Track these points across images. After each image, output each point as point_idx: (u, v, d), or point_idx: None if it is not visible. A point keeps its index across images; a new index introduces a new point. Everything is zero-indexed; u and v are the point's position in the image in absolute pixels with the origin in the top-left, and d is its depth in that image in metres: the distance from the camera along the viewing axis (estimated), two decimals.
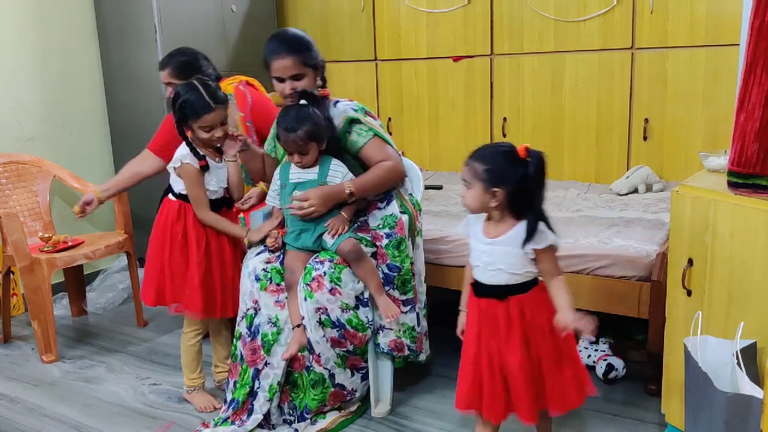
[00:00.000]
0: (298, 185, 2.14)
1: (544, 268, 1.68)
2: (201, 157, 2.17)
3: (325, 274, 2.08)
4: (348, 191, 2.13)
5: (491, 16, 3.55)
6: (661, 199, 2.89)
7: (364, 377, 2.22)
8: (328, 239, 2.13)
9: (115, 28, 3.56)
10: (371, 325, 2.14)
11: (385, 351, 2.19)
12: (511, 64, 3.54)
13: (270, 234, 2.20)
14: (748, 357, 1.55)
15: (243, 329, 2.16)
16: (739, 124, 1.66)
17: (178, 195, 2.24)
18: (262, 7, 4.03)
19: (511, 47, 3.52)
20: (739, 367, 1.51)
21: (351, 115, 2.22)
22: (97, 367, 2.75)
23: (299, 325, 2.09)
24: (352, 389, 2.19)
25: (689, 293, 1.83)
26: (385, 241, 2.19)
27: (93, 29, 3.62)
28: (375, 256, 2.20)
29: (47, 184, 3.28)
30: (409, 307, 2.21)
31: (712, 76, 3.07)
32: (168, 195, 2.29)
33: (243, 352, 2.15)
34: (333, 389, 2.14)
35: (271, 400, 2.12)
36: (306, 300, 2.06)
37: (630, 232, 2.45)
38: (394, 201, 2.26)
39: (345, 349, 2.12)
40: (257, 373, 2.13)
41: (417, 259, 2.35)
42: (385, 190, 2.27)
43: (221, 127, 2.16)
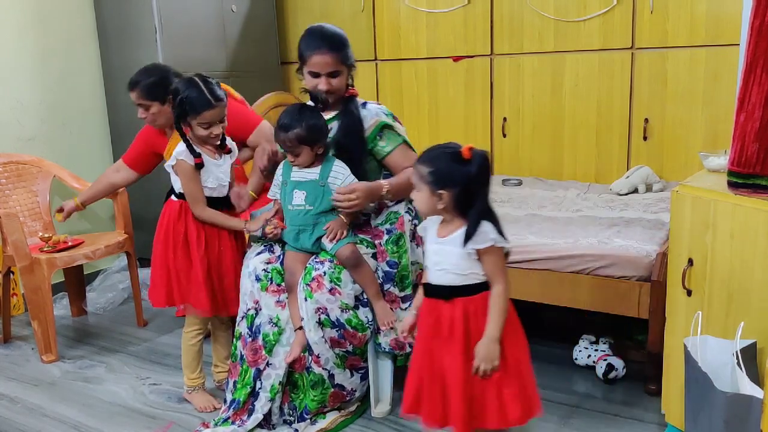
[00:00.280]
0: (298, 184, 2.14)
1: (486, 270, 1.64)
2: (197, 155, 2.17)
3: (324, 274, 2.08)
4: (385, 190, 2.17)
5: (491, 16, 3.55)
6: (661, 199, 2.89)
7: (364, 377, 2.22)
8: (327, 243, 2.12)
9: (115, 28, 3.56)
10: (371, 325, 2.14)
11: (387, 350, 2.19)
12: (511, 64, 3.54)
13: (269, 222, 2.20)
14: (748, 357, 1.55)
15: (243, 329, 2.16)
16: (739, 124, 1.66)
17: (179, 195, 2.24)
18: (262, 7, 4.03)
19: (511, 47, 3.53)
20: (739, 367, 1.51)
21: (384, 120, 2.25)
22: (97, 367, 2.75)
23: (301, 327, 2.09)
24: (352, 389, 2.19)
25: (689, 293, 1.83)
26: (385, 237, 2.20)
27: (93, 29, 3.62)
28: (375, 257, 2.20)
29: (47, 184, 3.28)
30: (407, 303, 2.21)
31: (712, 76, 3.07)
32: (171, 196, 2.29)
33: (244, 353, 2.15)
34: (333, 390, 2.14)
35: (272, 400, 2.12)
36: (306, 300, 2.06)
37: (630, 232, 2.45)
38: (404, 201, 2.29)
39: (344, 349, 2.12)
40: (259, 373, 2.13)
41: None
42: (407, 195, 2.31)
43: (220, 125, 2.16)
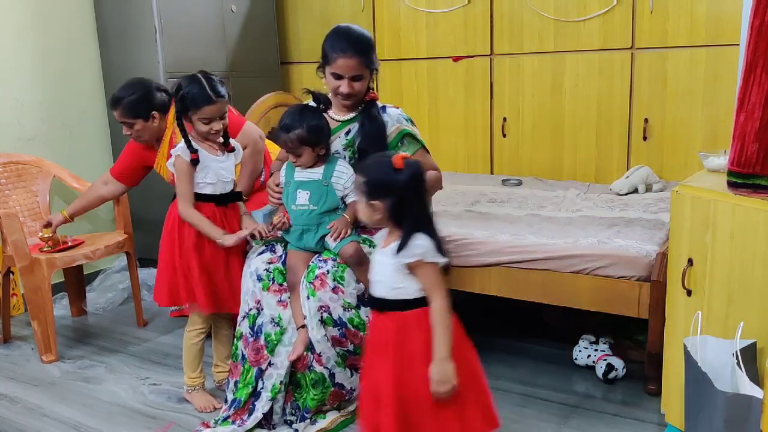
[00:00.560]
0: (301, 184, 2.14)
1: (422, 286, 1.59)
2: (193, 151, 2.18)
3: (328, 272, 2.08)
4: None
5: (491, 16, 3.55)
6: (661, 199, 2.89)
7: None
8: (331, 241, 2.13)
9: (115, 28, 3.56)
10: None
11: None
12: (511, 64, 3.54)
13: (276, 213, 2.20)
14: (748, 357, 1.55)
15: (245, 329, 2.16)
16: (739, 124, 1.66)
17: None
18: (262, 8, 4.03)
19: (511, 47, 3.53)
20: (739, 367, 1.51)
21: (405, 128, 2.28)
22: (97, 367, 2.75)
23: (303, 326, 2.09)
24: (351, 389, 2.19)
25: (689, 293, 1.83)
26: None
27: (93, 29, 3.62)
28: None
29: (47, 184, 3.28)
30: None
31: (712, 76, 3.07)
32: (177, 196, 2.30)
33: (245, 352, 2.15)
34: (333, 389, 2.14)
35: (273, 399, 2.12)
36: (309, 298, 2.06)
37: (630, 232, 2.45)
38: None
39: (345, 348, 2.12)
40: (261, 373, 2.13)
41: None
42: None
43: (220, 121, 2.17)
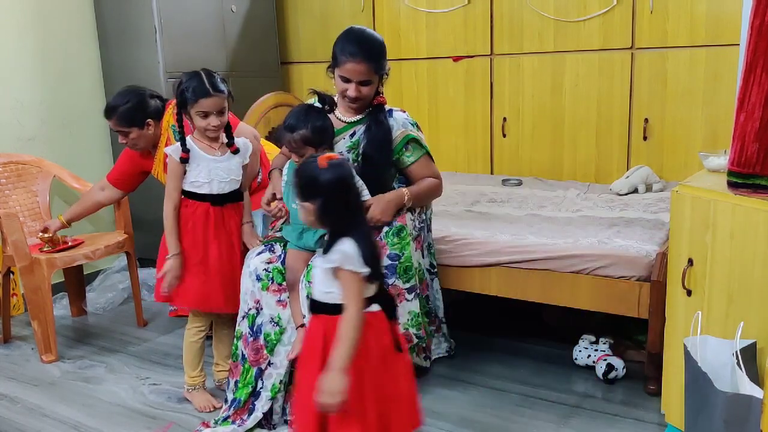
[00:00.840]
0: None
1: (341, 293, 1.56)
2: (185, 150, 2.19)
3: None
4: (407, 197, 2.23)
5: (491, 16, 3.55)
6: (661, 199, 2.89)
7: None
8: None
9: (115, 28, 3.56)
10: None
11: None
12: (511, 64, 3.54)
13: (276, 201, 2.22)
14: (748, 357, 1.55)
15: (245, 329, 2.16)
16: (739, 124, 1.66)
17: (186, 193, 2.25)
18: (262, 7, 4.03)
19: (511, 47, 3.53)
20: (739, 367, 1.51)
21: (410, 133, 2.30)
22: (97, 367, 2.75)
23: (303, 325, 2.09)
24: None
25: (689, 293, 1.83)
26: (386, 228, 2.20)
27: (93, 30, 3.62)
28: None
29: (47, 184, 3.28)
30: (412, 294, 2.21)
31: (712, 76, 3.07)
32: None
33: (245, 352, 2.15)
34: None
35: (273, 399, 2.12)
36: (308, 297, 2.06)
37: (630, 232, 2.45)
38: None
39: None
40: (260, 372, 2.13)
41: (434, 279, 2.46)
42: (426, 203, 2.39)
43: (218, 116, 2.17)
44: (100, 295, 3.44)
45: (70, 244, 2.92)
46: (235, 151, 2.27)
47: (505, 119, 3.61)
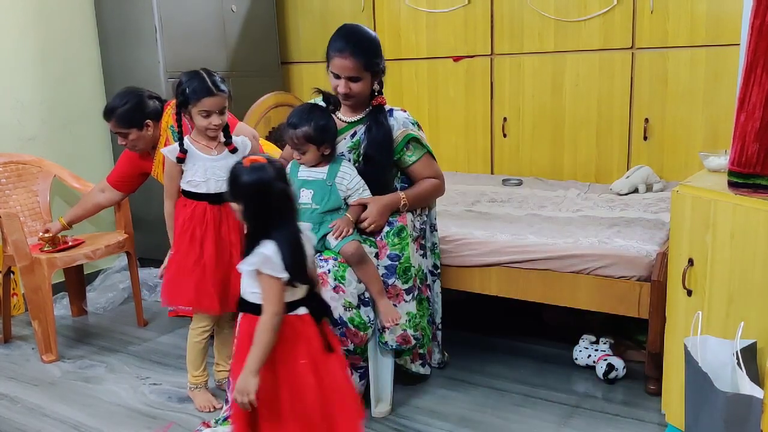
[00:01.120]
0: (305, 183, 2.15)
1: (261, 295, 1.56)
2: (182, 151, 2.19)
3: (329, 272, 2.08)
4: (403, 203, 2.23)
5: (491, 16, 3.55)
6: (662, 199, 2.89)
7: (362, 376, 2.22)
8: (332, 240, 2.13)
9: (115, 28, 3.56)
10: (372, 324, 2.14)
11: (394, 347, 2.20)
12: (511, 64, 3.54)
13: None
14: (749, 357, 1.55)
15: None
16: (739, 124, 1.66)
17: (187, 193, 2.25)
18: (262, 7, 4.03)
19: (511, 47, 3.52)
20: (740, 367, 1.51)
21: (411, 133, 2.29)
22: (97, 366, 2.75)
23: None
24: None
25: (689, 293, 1.83)
26: (386, 228, 2.20)
27: (93, 30, 3.62)
28: (377, 256, 2.20)
29: (47, 184, 3.28)
30: (410, 295, 2.21)
31: (713, 76, 3.07)
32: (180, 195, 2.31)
33: None
34: None
35: None
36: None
37: (630, 232, 2.45)
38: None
39: (345, 347, 2.11)
40: None
41: (435, 281, 2.45)
42: (426, 204, 2.38)
43: (219, 116, 2.18)
44: (101, 295, 3.44)
45: (70, 243, 2.92)
46: (233, 150, 2.27)
47: (505, 119, 3.60)
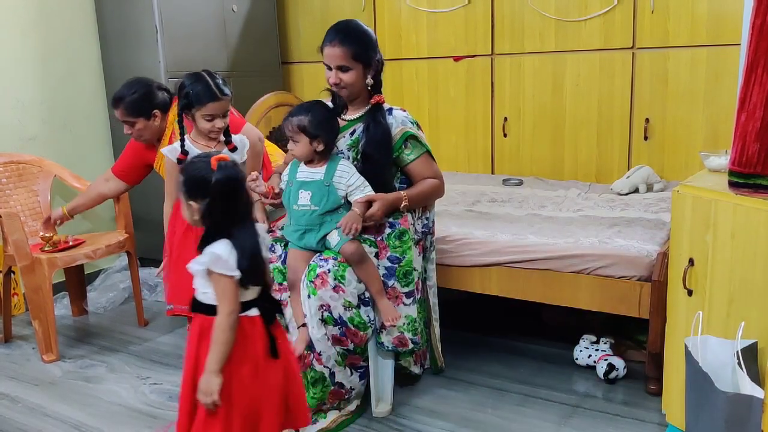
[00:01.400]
0: (303, 184, 2.15)
1: (215, 295, 1.54)
2: (183, 152, 2.20)
3: (329, 271, 2.08)
4: (404, 203, 2.21)
5: (492, 16, 3.55)
6: (662, 199, 2.88)
7: (362, 376, 2.21)
8: (333, 240, 2.12)
9: (115, 28, 3.56)
10: (372, 324, 2.14)
11: (390, 348, 2.20)
12: (511, 64, 3.54)
13: (257, 181, 2.23)
14: (749, 357, 1.55)
15: None
16: (740, 124, 1.66)
17: None
18: (262, 7, 4.04)
19: (511, 47, 3.52)
20: (740, 367, 1.51)
21: (409, 130, 2.28)
22: (98, 366, 2.75)
23: (304, 324, 2.09)
24: (350, 388, 2.19)
25: (690, 293, 1.83)
26: (388, 230, 2.20)
27: (94, 30, 3.62)
28: (378, 256, 2.20)
29: (48, 184, 3.28)
30: (410, 299, 2.21)
31: (713, 76, 3.07)
32: None
33: None
34: (332, 387, 2.14)
35: None
36: (309, 297, 2.06)
37: (631, 231, 2.45)
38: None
39: (345, 347, 2.11)
40: None
41: (430, 272, 2.43)
42: (425, 204, 2.36)
43: (222, 119, 2.20)
44: (101, 295, 3.45)
45: (71, 243, 2.92)
46: (233, 149, 2.28)
47: (505, 119, 3.60)
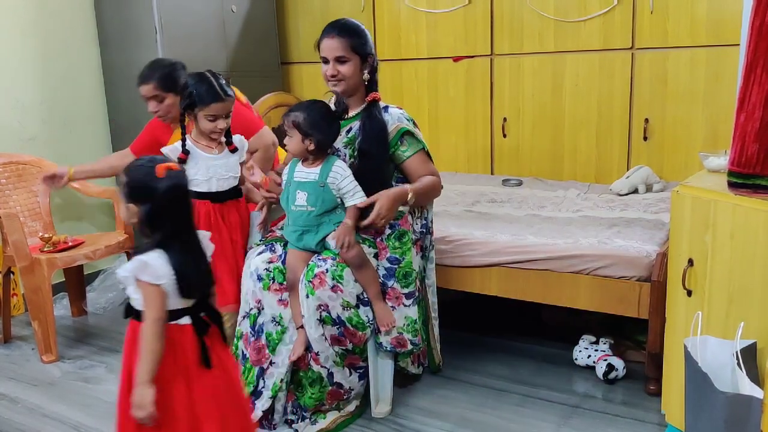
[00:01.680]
0: (300, 185, 2.15)
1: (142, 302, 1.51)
2: (185, 151, 2.20)
3: (327, 271, 2.08)
4: (410, 195, 2.17)
5: (491, 17, 3.55)
6: (661, 200, 2.89)
7: (362, 376, 2.22)
8: (332, 243, 2.13)
9: (115, 29, 3.56)
10: (371, 324, 2.14)
11: (389, 349, 2.20)
12: (511, 65, 3.54)
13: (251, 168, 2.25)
14: (748, 357, 1.55)
15: (246, 329, 2.16)
16: (739, 124, 1.66)
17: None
18: (262, 8, 4.03)
19: (511, 47, 3.52)
20: (739, 367, 1.51)
21: (405, 126, 2.26)
22: (97, 367, 2.75)
23: (303, 326, 2.09)
24: (349, 388, 2.19)
25: (689, 293, 1.83)
26: (388, 231, 2.20)
27: (93, 30, 3.62)
28: (377, 257, 2.20)
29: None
30: (411, 300, 2.21)
31: (713, 77, 3.07)
32: None
33: (246, 352, 2.16)
34: (331, 388, 2.14)
35: (274, 398, 2.13)
36: (307, 297, 2.06)
37: (630, 232, 2.45)
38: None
39: (344, 347, 2.12)
40: (262, 372, 2.13)
41: (429, 272, 2.42)
42: (426, 202, 2.34)
43: (224, 119, 2.20)
44: (101, 295, 3.44)
45: (70, 244, 2.92)
46: (234, 149, 2.28)
47: (505, 119, 3.60)
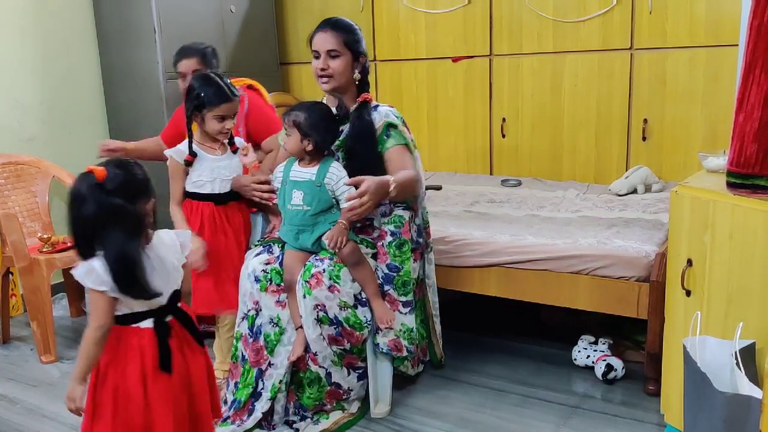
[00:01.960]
0: (296, 184, 2.15)
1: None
2: (192, 153, 2.21)
3: (324, 271, 2.08)
4: (393, 185, 2.05)
5: (490, 17, 3.55)
6: (660, 200, 2.89)
7: (361, 377, 2.22)
8: (326, 242, 2.13)
9: (114, 29, 3.56)
10: (369, 324, 2.14)
11: (385, 351, 2.20)
12: (510, 65, 3.54)
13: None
14: (747, 357, 1.55)
15: (244, 330, 2.16)
16: (738, 125, 1.67)
17: (188, 193, 2.26)
18: (261, 8, 4.03)
19: (510, 48, 3.52)
20: (738, 367, 1.51)
21: (391, 120, 2.25)
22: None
23: (301, 326, 2.09)
24: (348, 388, 2.19)
25: (688, 293, 1.83)
26: (389, 239, 2.20)
27: (93, 30, 3.62)
28: (375, 257, 2.20)
29: (46, 185, 3.28)
30: (408, 309, 2.21)
31: (712, 77, 3.07)
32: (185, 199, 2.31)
33: (245, 353, 2.16)
34: (329, 388, 2.14)
35: (273, 399, 2.13)
36: (305, 297, 2.06)
37: (629, 232, 2.46)
38: (410, 208, 2.30)
39: (342, 347, 2.12)
40: (261, 373, 2.13)
41: (429, 272, 2.41)
42: (404, 198, 2.27)
43: (231, 120, 2.22)
44: None
45: (69, 244, 2.92)
46: (236, 150, 2.29)
47: (504, 119, 3.61)
